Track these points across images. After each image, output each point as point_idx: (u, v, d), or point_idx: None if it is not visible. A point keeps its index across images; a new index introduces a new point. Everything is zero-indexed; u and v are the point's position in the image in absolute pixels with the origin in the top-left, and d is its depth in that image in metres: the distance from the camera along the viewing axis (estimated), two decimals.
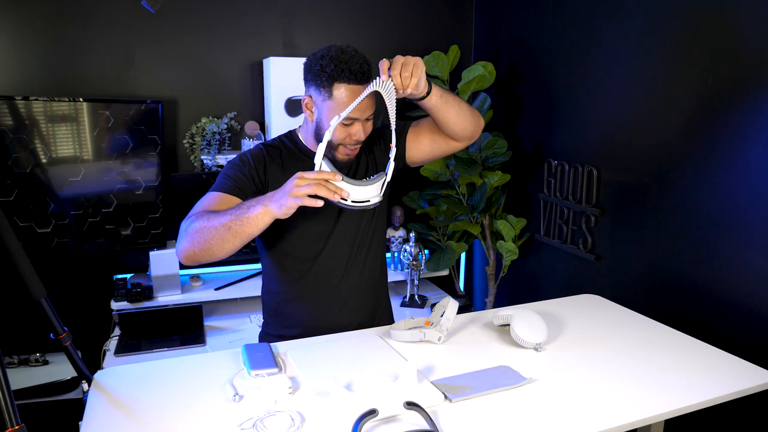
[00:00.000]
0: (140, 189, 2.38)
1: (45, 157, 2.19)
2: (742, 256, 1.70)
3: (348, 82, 1.37)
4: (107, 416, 1.13)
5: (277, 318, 1.60)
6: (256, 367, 1.26)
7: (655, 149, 1.97)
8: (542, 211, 2.55)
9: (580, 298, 1.79)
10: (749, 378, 1.29)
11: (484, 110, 2.57)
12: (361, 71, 1.38)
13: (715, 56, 1.74)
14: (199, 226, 1.30)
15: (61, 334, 1.34)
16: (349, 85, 1.38)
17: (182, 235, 1.33)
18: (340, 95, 1.38)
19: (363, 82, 1.38)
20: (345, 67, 1.36)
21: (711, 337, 1.51)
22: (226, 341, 2.32)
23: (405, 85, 1.33)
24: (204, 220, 1.30)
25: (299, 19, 2.70)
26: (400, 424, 1.09)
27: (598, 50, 2.19)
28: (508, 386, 1.23)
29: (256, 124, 2.58)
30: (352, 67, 1.37)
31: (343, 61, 1.37)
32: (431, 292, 2.91)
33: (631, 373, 1.31)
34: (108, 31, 2.43)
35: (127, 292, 2.37)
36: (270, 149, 1.53)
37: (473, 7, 3.00)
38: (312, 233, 1.51)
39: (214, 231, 1.27)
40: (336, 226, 1.52)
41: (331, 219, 1.51)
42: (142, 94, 2.52)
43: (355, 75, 1.37)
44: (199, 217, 1.32)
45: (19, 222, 2.16)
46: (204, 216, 1.31)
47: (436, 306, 1.49)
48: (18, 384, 2.12)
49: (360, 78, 1.38)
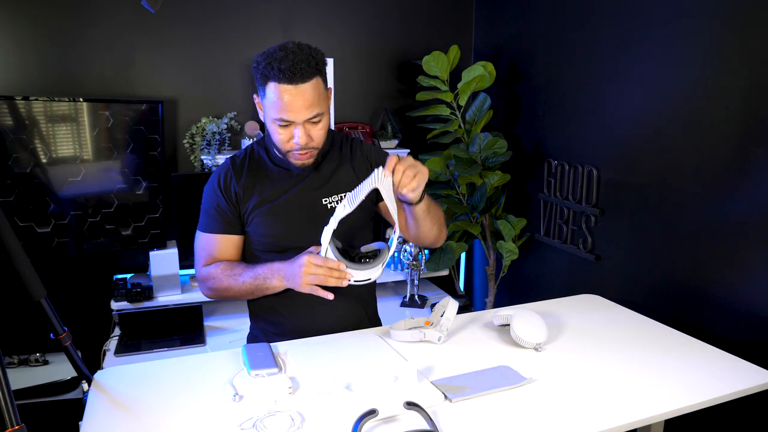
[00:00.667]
0: (140, 189, 2.38)
1: (45, 157, 2.18)
2: (742, 256, 1.70)
3: (278, 81, 1.30)
4: (107, 416, 1.13)
5: (260, 323, 1.58)
6: (256, 367, 1.26)
7: (655, 149, 1.97)
8: (542, 211, 2.55)
9: (580, 298, 1.79)
10: (749, 378, 1.29)
11: (484, 110, 2.57)
12: (291, 69, 1.29)
13: (714, 56, 1.74)
14: (223, 285, 1.46)
15: (61, 334, 1.34)
16: (280, 84, 1.30)
17: (204, 288, 1.51)
18: (272, 94, 1.33)
19: (295, 81, 1.30)
20: (275, 65, 1.30)
21: (711, 337, 1.51)
22: (226, 341, 2.32)
23: (404, 185, 1.28)
24: (226, 282, 1.46)
25: (299, 19, 2.70)
26: (400, 424, 1.09)
27: (598, 50, 2.19)
28: (508, 386, 1.23)
29: (256, 124, 2.58)
30: (282, 65, 1.29)
31: (276, 59, 1.30)
32: (431, 292, 2.91)
33: (631, 373, 1.31)
34: (108, 31, 2.43)
35: (127, 292, 2.37)
36: (237, 166, 1.51)
37: (473, 7, 3.00)
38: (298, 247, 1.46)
39: (238, 293, 1.46)
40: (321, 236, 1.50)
41: (314, 232, 1.47)
42: (142, 94, 2.52)
43: (284, 73, 1.29)
44: (219, 275, 1.47)
45: (19, 222, 2.16)
46: (224, 277, 1.46)
47: (436, 306, 1.49)
48: (18, 384, 2.12)
49: (290, 77, 1.29)
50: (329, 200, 1.49)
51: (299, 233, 1.46)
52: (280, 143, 1.40)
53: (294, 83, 1.31)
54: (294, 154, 1.41)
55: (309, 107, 1.34)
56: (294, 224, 1.47)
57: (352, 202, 1.27)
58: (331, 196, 1.50)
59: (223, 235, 1.49)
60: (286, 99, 1.31)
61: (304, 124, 1.36)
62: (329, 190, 1.50)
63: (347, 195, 1.28)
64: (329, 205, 1.49)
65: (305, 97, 1.32)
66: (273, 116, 1.36)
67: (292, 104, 1.32)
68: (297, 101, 1.32)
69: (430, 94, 2.56)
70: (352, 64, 2.83)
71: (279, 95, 1.32)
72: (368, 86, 2.89)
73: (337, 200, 1.49)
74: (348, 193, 1.28)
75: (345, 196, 1.30)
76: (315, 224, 1.39)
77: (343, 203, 1.27)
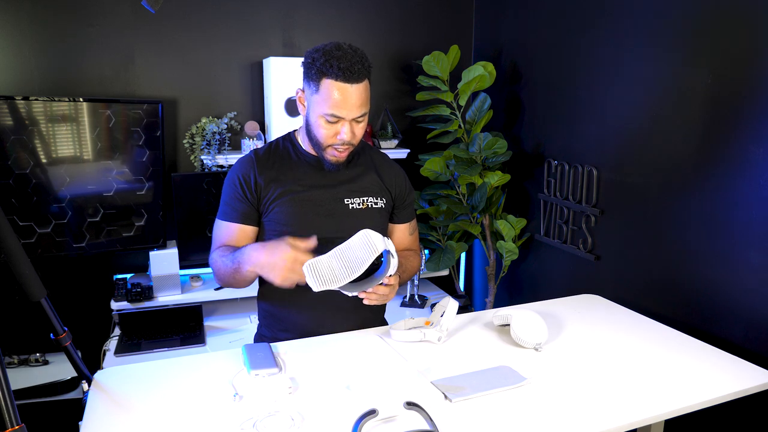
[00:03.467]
0: (140, 189, 2.38)
1: (45, 157, 2.18)
2: (742, 256, 1.70)
3: (335, 79, 1.36)
4: (107, 416, 1.13)
5: (270, 320, 1.59)
6: (256, 367, 1.26)
7: (655, 149, 1.97)
8: (542, 211, 2.55)
9: (580, 298, 1.79)
10: (749, 378, 1.29)
11: (484, 110, 2.57)
12: (350, 69, 1.35)
13: (714, 56, 1.74)
14: (215, 267, 1.48)
15: (61, 334, 1.34)
16: (336, 82, 1.36)
17: (213, 270, 1.51)
18: (326, 90, 1.37)
19: (352, 80, 1.36)
20: (334, 63, 1.35)
21: (711, 337, 1.51)
22: (226, 341, 2.32)
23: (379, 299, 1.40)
24: (218, 263, 1.46)
25: (299, 19, 2.70)
26: (400, 424, 1.09)
27: (598, 50, 2.19)
28: (507, 386, 1.23)
29: (256, 124, 2.58)
30: (341, 63, 1.35)
31: (334, 56, 1.35)
32: (431, 292, 2.91)
33: (631, 373, 1.31)
34: (108, 31, 2.43)
35: (127, 292, 2.37)
36: (260, 157, 1.53)
37: (473, 7, 3.00)
38: (320, 252, 1.49)
39: (225, 277, 1.45)
40: (339, 234, 1.51)
41: (333, 228, 1.50)
42: (142, 94, 2.52)
43: (343, 72, 1.35)
44: (216, 259, 1.48)
45: (19, 222, 2.16)
46: (218, 259, 1.47)
47: (436, 306, 1.49)
48: (18, 384, 2.12)
49: (348, 76, 1.35)
50: (351, 201, 1.52)
51: (317, 228, 1.48)
52: (324, 138, 1.43)
53: (351, 82, 1.36)
54: (333, 151, 1.45)
55: (360, 106, 1.40)
56: (313, 218, 1.49)
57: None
58: (353, 198, 1.53)
59: (237, 225, 1.50)
60: (341, 96, 1.37)
61: (351, 122, 1.41)
62: (353, 192, 1.53)
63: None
64: (351, 206, 1.52)
65: (358, 96, 1.38)
66: (323, 111, 1.39)
67: (346, 102, 1.37)
68: (351, 99, 1.37)
69: (430, 94, 2.56)
70: None
71: (335, 92, 1.36)
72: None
73: (359, 203, 1.53)
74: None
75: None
76: (334, 221, 1.49)
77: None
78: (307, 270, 1.27)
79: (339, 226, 1.49)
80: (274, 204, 1.49)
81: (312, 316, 1.53)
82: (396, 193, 1.61)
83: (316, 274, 1.27)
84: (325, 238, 1.46)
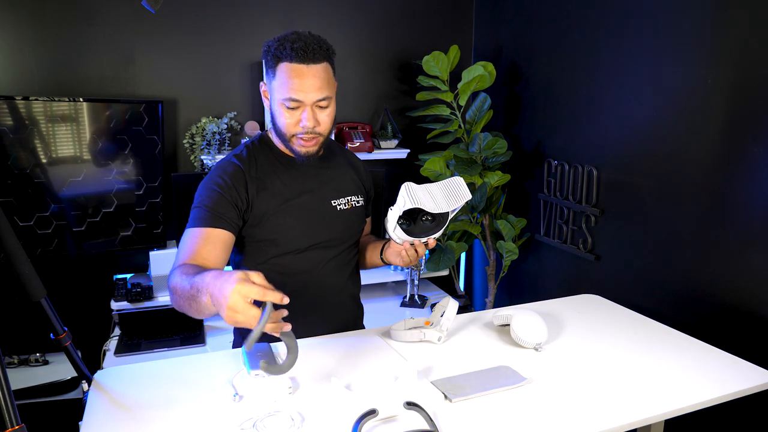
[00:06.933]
0: (140, 189, 2.38)
1: (45, 157, 2.18)
2: (742, 256, 1.70)
3: (290, 60, 1.31)
4: (107, 416, 1.13)
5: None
6: (256, 367, 1.26)
7: (655, 149, 1.97)
8: (542, 211, 2.55)
9: (580, 298, 1.79)
10: (749, 378, 1.29)
11: (484, 110, 2.57)
12: (304, 49, 1.30)
13: (715, 56, 1.74)
14: (173, 286, 1.18)
15: (61, 334, 1.35)
16: (291, 64, 1.31)
17: (169, 290, 1.22)
18: (282, 75, 1.33)
19: (307, 61, 1.31)
20: (287, 45, 1.31)
21: (711, 337, 1.51)
22: (226, 341, 2.32)
23: (410, 261, 1.46)
24: (178, 282, 1.16)
25: (299, 19, 2.70)
26: (400, 424, 1.09)
27: (598, 50, 2.19)
28: (507, 386, 1.23)
29: (256, 124, 2.58)
30: (295, 44, 1.31)
31: (289, 40, 1.32)
32: (431, 292, 2.91)
33: (631, 373, 1.31)
34: (108, 31, 2.43)
35: (127, 292, 2.37)
36: (245, 162, 1.42)
37: (473, 7, 3.00)
38: (308, 246, 1.47)
39: (181, 299, 1.16)
40: (330, 236, 1.50)
41: (325, 232, 1.49)
42: (142, 94, 2.52)
43: (296, 52, 1.30)
44: (178, 276, 1.18)
45: (19, 222, 2.16)
46: (179, 278, 1.17)
47: (436, 306, 1.49)
48: (18, 384, 2.12)
49: (302, 56, 1.30)
50: (337, 202, 1.52)
51: (313, 234, 1.46)
52: (287, 127, 1.37)
53: (306, 62, 1.31)
54: (299, 140, 1.38)
55: (319, 89, 1.34)
56: (308, 225, 1.46)
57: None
58: (339, 198, 1.52)
59: (223, 233, 1.33)
60: (297, 78, 1.32)
61: (313, 107, 1.35)
62: (338, 191, 1.53)
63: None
64: (338, 207, 1.51)
65: (316, 78, 1.33)
66: (282, 97, 1.34)
67: (303, 84, 1.32)
68: (308, 81, 1.32)
69: (430, 94, 2.56)
70: (352, 64, 2.83)
71: (291, 74, 1.32)
72: (368, 86, 2.89)
73: (344, 203, 1.52)
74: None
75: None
76: (326, 225, 1.48)
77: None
78: (405, 189, 1.30)
79: (330, 230, 1.49)
80: (267, 215, 1.40)
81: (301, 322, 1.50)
82: (368, 188, 1.64)
83: (411, 195, 1.29)
84: (319, 243, 1.45)
